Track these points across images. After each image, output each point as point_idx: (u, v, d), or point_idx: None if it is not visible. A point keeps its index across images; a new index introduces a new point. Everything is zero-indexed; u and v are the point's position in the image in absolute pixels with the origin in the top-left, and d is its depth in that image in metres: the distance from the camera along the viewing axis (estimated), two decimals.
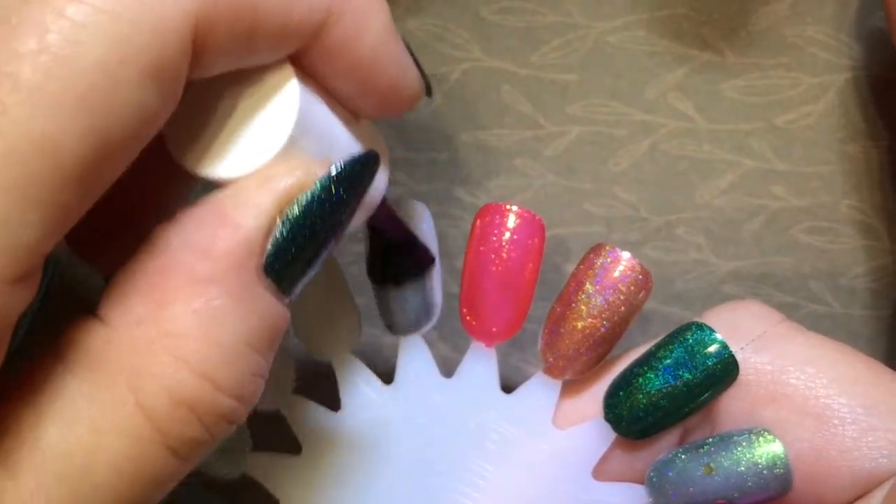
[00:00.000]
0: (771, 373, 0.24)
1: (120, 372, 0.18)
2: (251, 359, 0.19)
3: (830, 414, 0.23)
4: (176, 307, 0.18)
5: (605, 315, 0.24)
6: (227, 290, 0.18)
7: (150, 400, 0.18)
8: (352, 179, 0.20)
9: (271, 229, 0.19)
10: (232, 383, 0.18)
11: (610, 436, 0.25)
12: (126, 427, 0.17)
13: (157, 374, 0.18)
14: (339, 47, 0.20)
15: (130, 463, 0.18)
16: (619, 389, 0.24)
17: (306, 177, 0.19)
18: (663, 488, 0.23)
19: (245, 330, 0.19)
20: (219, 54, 0.18)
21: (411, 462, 0.26)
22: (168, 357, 0.18)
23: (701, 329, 0.24)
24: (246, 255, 0.18)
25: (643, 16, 0.34)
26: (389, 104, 0.22)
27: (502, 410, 0.26)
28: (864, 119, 0.34)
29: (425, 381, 0.26)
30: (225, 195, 0.19)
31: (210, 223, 0.19)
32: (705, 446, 0.23)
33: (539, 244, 0.25)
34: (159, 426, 0.18)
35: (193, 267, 0.18)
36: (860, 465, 0.22)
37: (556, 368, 0.25)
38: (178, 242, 0.18)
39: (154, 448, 0.18)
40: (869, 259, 0.34)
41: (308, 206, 0.19)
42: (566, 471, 0.25)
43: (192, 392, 0.18)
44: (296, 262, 0.19)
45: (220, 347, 0.18)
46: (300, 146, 0.20)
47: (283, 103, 0.20)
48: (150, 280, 0.18)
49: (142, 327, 0.18)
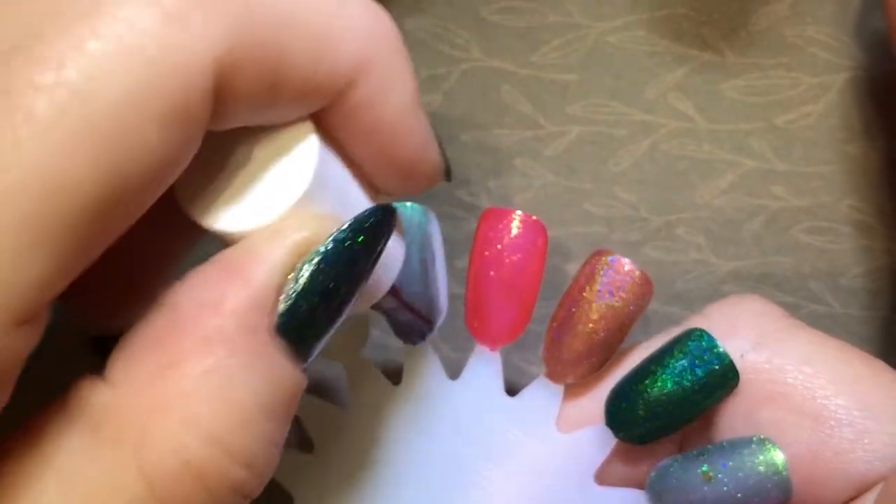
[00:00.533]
0: (769, 371, 0.23)
1: (124, 434, 0.17)
2: (264, 425, 0.18)
3: (827, 415, 0.23)
4: (184, 367, 0.17)
5: (606, 321, 0.24)
6: (239, 349, 0.17)
7: (154, 465, 0.17)
8: (368, 234, 0.19)
9: (283, 286, 0.18)
10: (243, 451, 0.17)
11: (611, 441, 0.25)
12: (126, 493, 0.16)
13: (163, 438, 0.17)
14: (361, 110, 0.20)
15: None
16: (619, 396, 0.24)
17: (319, 231, 0.19)
18: (663, 494, 0.24)
19: (258, 394, 0.18)
20: (240, 105, 0.18)
21: (417, 463, 0.26)
22: (175, 419, 0.17)
23: (701, 336, 0.24)
24: (257, 313, 0.18)
25: (643, 16, 0.34)
26: (408, 178, 0.22)
27: (506, 414, 0.26)
28: (865, 119, 0.34)
29: (431, 384, 0.26)
30: (234, 251, 0.18)
31: (219, 280, 0.18)
32: (705, 453, 0.23)
33: (542, 248, 0.25)
34: (161, 496, 0.17)
35: (203, 325, 0.17)
36: (855, 468, 0.22)
37: (558, 373, 0.25)
38: (187, 301, 0.18)
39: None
40: (869, 259, 0.34)
41: (321, 261, 0.18)
42: (568, 475, 0.25)
43: (200, 458, 0.17)
44: (309, 323, 0.18)
45: (231, 411, 0.17)
46: (314, 204, 0.19)
47: (301, 158, 0.19)
48: (157, 340, 0.17)
49: (148, 388, 0.17)
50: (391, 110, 0.20)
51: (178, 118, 0.16)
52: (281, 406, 0.18)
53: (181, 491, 0.17)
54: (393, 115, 0.20)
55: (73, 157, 0.15)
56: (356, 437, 0.26)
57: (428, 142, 0.22)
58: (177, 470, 0.17)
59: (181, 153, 0.17)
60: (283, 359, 0.18)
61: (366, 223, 0.19)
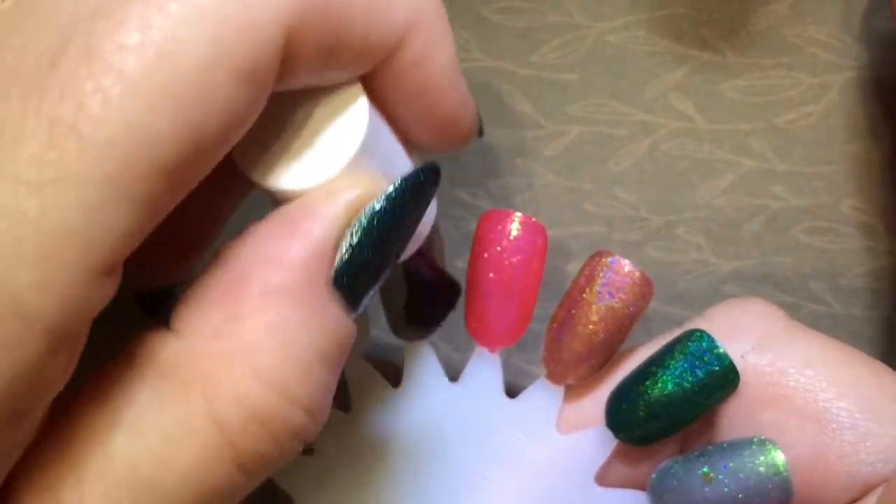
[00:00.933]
0: (771, 374, 0.23)
1: (194, 382, 0.17)
2: (322, 374, 0.19)
3: (829, 418, 0.23)
4: (250, 319, 0.18)
5: (605, 322, 0.24)
6: (301, 301, 0.18)
7: (224, 411, 0.17)
8: (416, 191, 0.20)
9: (340, 240, 0.19)
10: (305, 398, 0.18)
11: (612, 442, 0.25)
12: (197, 437, 0.17)
13: (231, 385, 0.17)
14: (409, 69, 0.20)
15: (199, 475, 0.17)
16: (620, 398, 0.24)
17: (373, 189, 0.19)
18: (664, 495, 0.23)
19: (317, 344, 0.18)
20: (303, 66, 0.18)
21: (417, 465, 0.26)
22: (242, 369, 0.18)
23: (702, 337, 0.24)
24: (317, 265, 0.19)
25: (643, 16, 0.34)
26: (447, 135, 0.23)
27: (506, 415, 0.26)
28: (865, 119, 0.34)
29: (431, 386, 0.26)
30: (293, 207, 0.19)
31: (280, 234, 0.19)
32: (706, 454, 0.23)
33: (541, 250, 0.25)
34: (231, 439, 0.17)
35: (266, 278, 0.18)
36: (857, 470, 0.22)
37: (558, 374, 0.25)
38: (250, 255, 0.18)
39: (224, 461, 0.17)
40: (869, 259, 0.34)
41: (374, 217, 0.19)
42: (569, 476, 0.25)
43: (266, 405, 0.18)
44: (363, 275, 0.19)
45: (294, 361, 0.18)
46: (364, 164, 0.20)
47: (352, 119, 0.20)
48: (223, 293, 0.18)
49: (216, 339, 0.18)
50: (437, 69, 0.21)
51: (250, 77, 0.17)
52: (336, 354, 0.19)
53: (250, 436, 0.18)
54: (438, 73, 0.21)
55: (159, 113, 0.16)
56: (356, 440, 0.26)
57: (468, 99, 0.23)
58: (244, 416, 0.17)
59: (250, 112, 0.18)
60: (338, 310, 0.19)
61: (414, 182, 0.20)
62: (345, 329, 0.19)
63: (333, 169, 0.19)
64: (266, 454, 0.18)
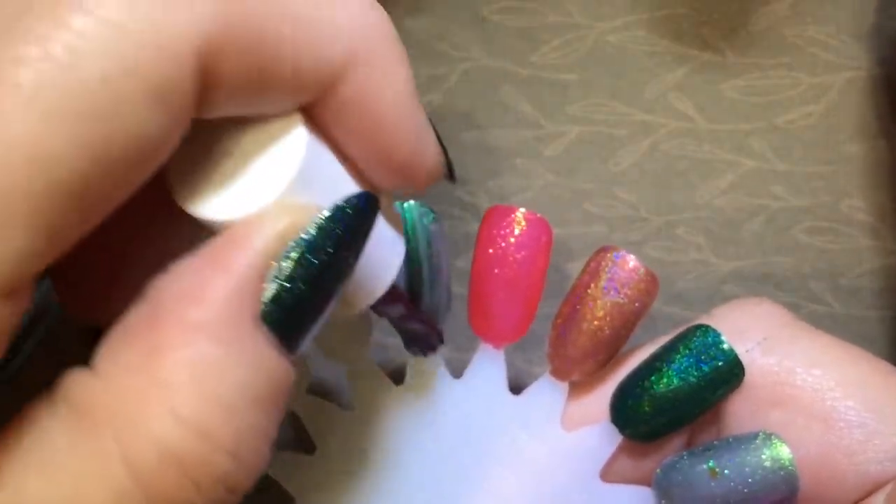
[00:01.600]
0: (778, 374, 0.23)
1: (107, 422, 0.16)
2: (250, 416, 0.17)
3: (837, 417, 0.23)
4: (167, 356, 0.17)
5: (610, 318, 0.24)
6: (222, 338, 0.17)
7: (137, 453, 0.16)
8: (350, 221, 0.19)
9: (265, 274, 0.18)
10: (229, 441, 0.17)
11: (616, 438, 0.25)
12: (108, 481, 0.16)
13: (144, 424, 0.16)
14: (353, 104, 0.19)
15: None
16: (625, 393, 0.24)
17: (302, 218, 0.18)
18: (670, 491, 0.23)
19: (242, 383, 0.17)
20: (227, 92, 0.18)
21: (420, 463, 0.26)
22: (157, 407, 0.16)
23: (706, 332, 0.24)
24: (240, 302, 0.17)
25: (643, 16, 0.34)
26: (404, 175, 0.21)
27: (510, 412, 0.26)
28: (865, 119, 0.34)
29: (435, 383, 0.26)
30: (217, 240, 0.18)
31: (201, 269, 0.18)
32: (712, 449, 0.23)
33: (546, 246, 0.25)
34: (145, 483, 0.16)
35: (186, 313, 0.17)
36: (865, 469, 0.22)
37: (563, 371, 0.25)
38: (169, 291, 0.17)
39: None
40: (869, 259, 0.34)
41: (303, 247, 0.18)
42: (573, 473, 0.25)
43: (183, 447, 0.16)
44: (294, 311, 0.18)
45: (216, 401, 0.17)
46: (301, 195, 0.19)
47: (288, 149, 0.19)
48: (141, 330, 0.17)
49: (132, 377, 0.17)
50: (384, 105, 0.20)
51: (161, 98, 0.16)
52: (268, 396, 0.18)
53: (165, 481, 0.16)
54: (386, 109, 0.20)
55: (56, 130, 0.15)
56: (359, 438, 0.26)
57: (425, 138, 0.21)
58: (160, 460, 0.16)
59: (166, 134, 0.17)
60: (268, 348, 0.18)
61: (348, 209, 0.19)
62: (278, 369, 0.18)
63: (265, 199, 0.18)
64: (185, 501, 0.17)
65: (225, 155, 0.19)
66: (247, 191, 0.19)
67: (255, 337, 0.18)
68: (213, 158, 0.19)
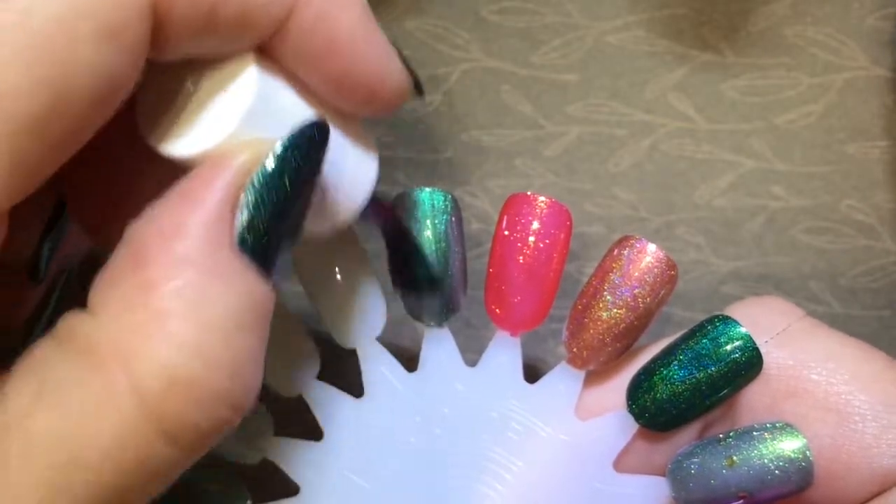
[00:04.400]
0: (792, 367, 0.24)
1: (112, 355, 0.17)
2: (243, 338, 0.19)
3: (851, 410, 0.23)
4: (159, 288, 0.18)
5: (629, 306, 0.24)
6: (207, 267, 0.18)
7: (143, 380, 0.17)
8: (303, 148, 0.20)
9: (236, 204, 0.19)
10: (227, 362, 0.18)
11: (632, 428, 0.25)
12: (118, 410, 0.17)
13: (148, 354, 0.17)
14: (308, 34, 0.20)
15: (122, 448, 0.17)
16: (642, 381, 0.24)
17: (261, 150, 0.19)
18: (684, 481, 0.23)
19: (231, 308, 0.18)
20: (179, 32, 0.18)
21: (433, 450, 0.26)
22: (158, 337, 0.17)
23: (725, 322, 0.24)
24: (218, 231, 0.19)
25: (643, 16, 0.34)
26: (372, 99, 0.22)
27: (525, 400, 0.26)
28: (864, 119, 0.34)
29: (449, 370, 0.26)
30: (186, 179, 0.19)
31: (176, 207, 0.19)
32: (727, 439, 0.23)
33: (566, 234, 0.25)
34: (153, 408, 0.17)
35: (169, 248, 0.18)
36: (879, 462, 0.22)
37: (580, 359, 0.25)
38: (151, 230, 0.19)
39: (148, 433, 0.17)
40: (869, 259, 0.34)
41: (266, 177, 0.19)
42: (587, 462, 0.25)
43: (186, 370, 0.17)
44: (266, 235, 0.19)
45: (210, 325, 0.18)
46: (258, 128, 0.20)
47: (241, 85, 0.20)
48: (129, 269, 0.18)
49: (129, 312, 0.18)
50: (338, 32, 0.20)
51: (114, 37, 0.17)
52: (254, 318, 0.19)
53: (171, 403, 0.17)
54: (342, 35, 0.20)
55: (16, 69, 0.16)
56: (368, 426, 0.26)
57: (386, 58, 0.22)
58: (164, 383, 0.17)
59: (121, 74, 0.18)
60: (250, 273, 0.19)
61: (299, 136, 0.20)
62: (260, 292, 0.19)
63: (222, 135, 0.20)
64: (193, 422, 0.18)
65: (185, 96, 0.21)
66: (204, 128, 0.20)
67: (236, 263, 0.19)
68: (174, 99, 0.21)
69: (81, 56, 0.17)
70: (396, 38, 0.34)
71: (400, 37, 0.34)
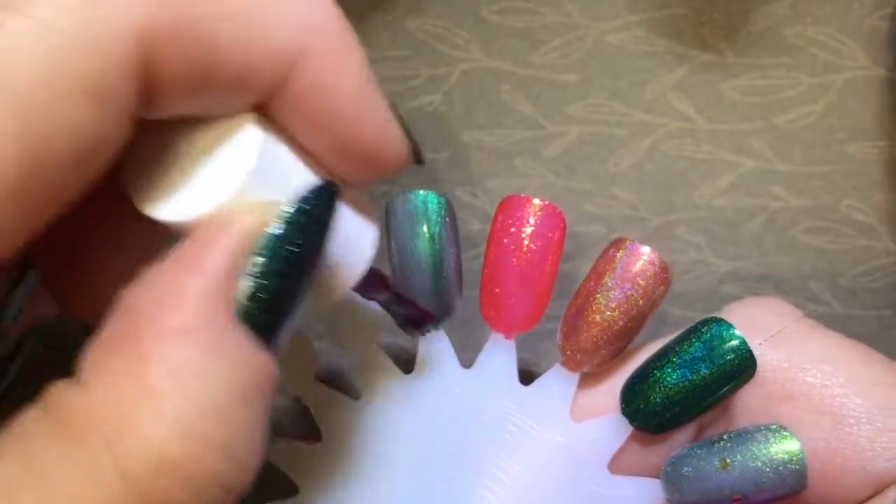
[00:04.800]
0: (787, 370, 0.24)
1: (97, 433, 0.16)
2: (238, 412, 0.17)
3: (846, 413, 0.23)
4: (151, 363, 0.17)
5: (623, 308, 0.24)
6: (203, 339, 0.17)
7: (130, 461, 0.16)
8: (312, 212, 0.19)
9: (237, 272, 0.18)
10: (219, 442, 0.17)
11: (626, 430, 0.25)
12: (103, 493, 0.16)
13: (135, 433, 0.16)
14: (307, 98, 0.19)
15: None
16: (636, 383, 0.24)
17: (267, 214, 0.18)
18: (678, 483, 0.23)
19: (228, 382, 0.17)
20: (171, 90, 0.18)
21: (429, 452, 0.26)
22: (147, 414, 0.16)
23: (719, 324, 0.24)
24: (215, 302, 0.17)
25: (643, 16, 0.34)
26: (369, 166, 0.21)
27: (520, 402, 0.26)
28: (864, 119, 0.34)
29: (445, 372, 0.26)
30: (185, 244, 0.18)
31: (174, 273, 0.18)
32: (721, 441, 0.23)
33: (560, 237, 0.25)
34: (139, 491, 0.16)
35: (164, 319, 0.17)
36: (874, 465, 0.22)
37: (574, 361, 0.25)
38: (146, 298, 0.18)
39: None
40: (869, 259, 0.34)
41: (270, 242, 0.18)
42: (582, 464, 0.25)
43: (176, 451, 0.16)
44: (269, 306, 0.18)
45: (202, 402, 0.17)
46: (259, 191, 0.19)
47: (242, 146, 0.19)
48: (122, 339, 0.17)
49: (118, 387, 0.17)
50: (340, 96, 0.20)
51: (97, 96, 0.16)
52: (253, 392, 0.18)
53: (161, 486, 0.16)
54: (342, 100, 0.20)
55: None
56: (366, 427, 0.26)
57: (386, 125, 0.21)
58: (153, 464, 0.16)
59: (106, 133, 0.17)
60: (248, 345, 0.18)
61: (309, 201, 0.19)
62: (260, 364, 0.18)
63: (221, 198, 0.18)
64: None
65: (178, 156, 0.19)
66: (201, 191, 0.19)
67: (234, 336, 0.18)
68: (166, 160, 0.19)
69: (64, 117, 0.16)
70: (397, 37, 0.34)
71: (400, 36, 0.34)
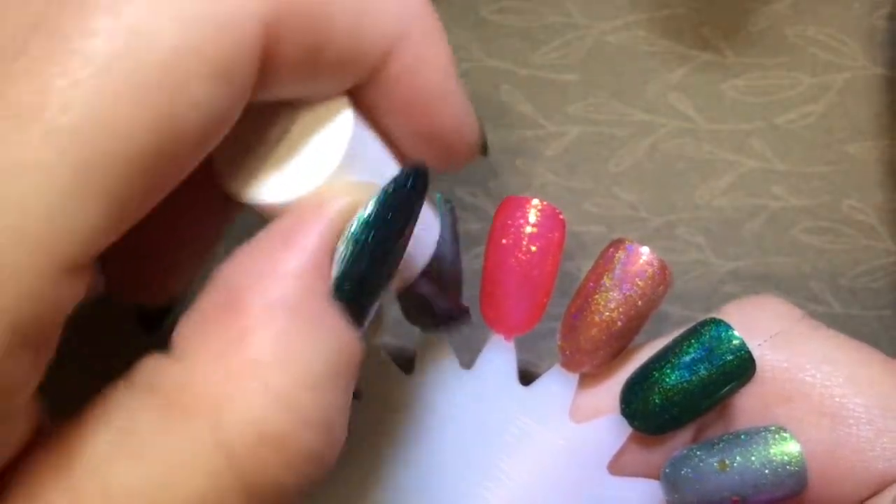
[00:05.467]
0: (787, 370, 0.23)
1: (199, 406, 0.16)
2: (334, 391, 0.18)
3: (846, 414, 0.23)
4: (255, 334, 0.17)
5: (622, 309, 0.24)
6: (304, 314, 0.17)
7: (232, 436, 0.16)
8: (406, 196, 0.19)
9: (333, 251, 0.18)
10: (319, 418, 0.17)
11: (626, 431, 0.25)
12: (203, 465, 0.16)
13: (237, 408, 0.16)
14: (399, 83, 0.20)
15: None
16: (635, 385, 0.24)
17: (361, 196, 0.19)
18: (678, 484, 0.23)
19: (325, 359, 0.17)
20: (283, 73, 0.18)
21: (429, 452, 0.26)
22: (253, 387, 0.16)
23: (719, 325, 0.24)
24: (315, 277, 0.18)
25: (643, 16, 0.34)
26: (445, 153, 0.22)
27: (520, 403, 0.26)
28: (864, 119, 0.34)
29: (444, 373, 0.26)
30: (282, 222, 0.19)
31: (274, 250, 0.18)
32: (721, 443, 0.23)
33: (560, 238, 0.25)
34: (240, 466, 0.16)
35: (265, 294, 0.17)
36: (874, 466, 0.22)
37: (574, 361, 0.25)
38: (245, 272, 0.18)
39: (232, 490, 0.16)
40: (869, 259, 0.34)
41: (367, 224, 0.19)
42: (582, 465, 0.25)
43: (279, 427, 0.17)
44: (362, 284, 0.19)
45: (303, 379, 0.17)
46: (350, 175, 0.19)
47: (336, 130, 0.19)
48: (221, 313, 0.17)
49: (219, 361, 0.17)
50: (428, 82, 0.20)
51: (226, 74, 0.16)
52: (346, 370, 0.18)
53: (260, 461, 0.16)
54: (430, 86, 0.20)
55: (126, 101, 0.15)
56: (367, 427, 0.26)
57: (467, 114, 0.22)
58: (254, 440, 0.16)
59: (228, 113, 0.17)
60: (343, 324, 0.18)
61: (404, 184, 0.19)
62: (352, 344, 0.18)
63: (316, 181, 0.19)
64: (279, 482, 0.17)
65: (272, 140, 0.20)
66: (296, 174, 0.19)
67: (330, 313, 0.18)
68: (259, 145, 0.20)
69: (193, 92, 0.16)
70: None
71: None
